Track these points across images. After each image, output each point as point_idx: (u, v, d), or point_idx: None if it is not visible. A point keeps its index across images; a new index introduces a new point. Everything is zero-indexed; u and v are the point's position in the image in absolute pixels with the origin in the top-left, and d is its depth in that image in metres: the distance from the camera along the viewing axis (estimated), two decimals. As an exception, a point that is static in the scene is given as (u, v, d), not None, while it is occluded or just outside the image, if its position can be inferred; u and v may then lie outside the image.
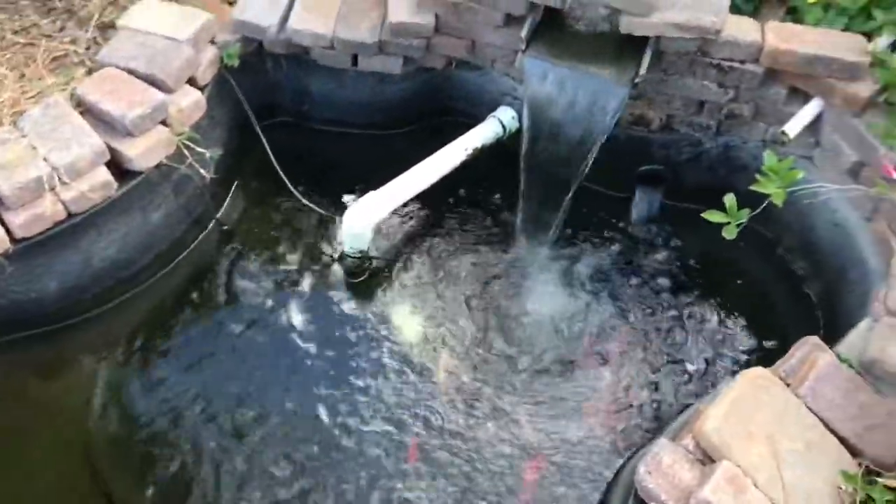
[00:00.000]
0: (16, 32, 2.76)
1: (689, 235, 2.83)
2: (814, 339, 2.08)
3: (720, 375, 2.53)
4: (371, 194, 2.57)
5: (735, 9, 2.71)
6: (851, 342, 2.10)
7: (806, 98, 2.53)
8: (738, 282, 2.80)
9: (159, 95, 2.42)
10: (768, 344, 2.62)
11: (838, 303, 2.57)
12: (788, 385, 2.00)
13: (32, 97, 2.55)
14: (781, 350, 2.11)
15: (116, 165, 2.41)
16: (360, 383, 2.50)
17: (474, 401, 2.49)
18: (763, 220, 2.66)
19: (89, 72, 2.59)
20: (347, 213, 2.55)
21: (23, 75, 2.63)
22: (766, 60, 2.43)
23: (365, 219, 2.54)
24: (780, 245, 2.80)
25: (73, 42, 2.73)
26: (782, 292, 2.77)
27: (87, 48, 2.70)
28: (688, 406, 2.34)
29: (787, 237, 2.77)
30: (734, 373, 2.44)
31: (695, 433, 1.91)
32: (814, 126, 2.54)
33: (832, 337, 2.19)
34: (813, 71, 2.40)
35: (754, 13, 2.76)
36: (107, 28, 2.74)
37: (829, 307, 2.62)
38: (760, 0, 2.78)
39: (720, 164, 2.74)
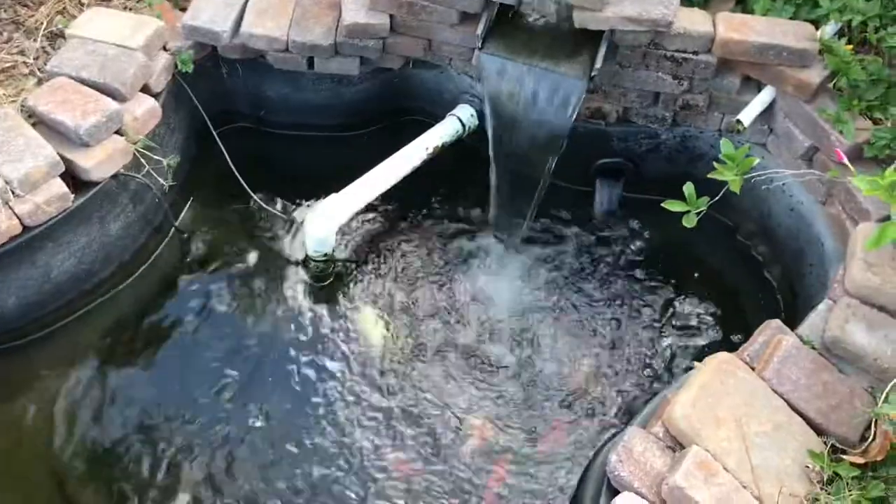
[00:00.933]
0: (-38, 45, 2.71)
1: (651, 226, 2.88)
2: (776, 323, 2.12)
3: (685, 363, 2.56)
4: (333, 197, 2.56)
5: (687, 1, 2.77)
6: (813, 323, 2.14)
7: (759, 87, 2.58)
8: (701, 270, 2.83)
9: (113, 104, 2.39)
10: (731, 329, 2.65)
11: (798, 286, 2.62)
12: (753, 369, 2.04)
13: (-19, 110, 2.51)
14: (745, 335, 2.15)
15: (72, 176, 2.37)
16: (322, 388, 2.50)
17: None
18: (722, 207, 2.71)
19: (39, 82, 2.55)
20: (309, 217, 2.54)
21: (-30, 88, 2.58)
22: (719, 51, 2.46)
23: (328, 222, 2.53)
24: (739, 231, 2.85)
25: (22, 52, 2.68)
26: (743, 278, 2.82)
27: (37, 58, 2.65)
28: (656, 394, 2.36)
29: (745, 223, 2.82)
30: (699, 360, 2.48)
31: (664, 420, 1.94)
32: (767, 114, 2.58)
33: (793, 320, 2.24)
34: (764, 59, 2.44)
35: (705, 4, 2.80)
36: (56, 38, 2.70)
37: (790, 291, 2.67)
38: (711, -8, 2.84)
39: (678, 154, 2.78)
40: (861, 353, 2.03)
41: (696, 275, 2.82)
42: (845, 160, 2.09)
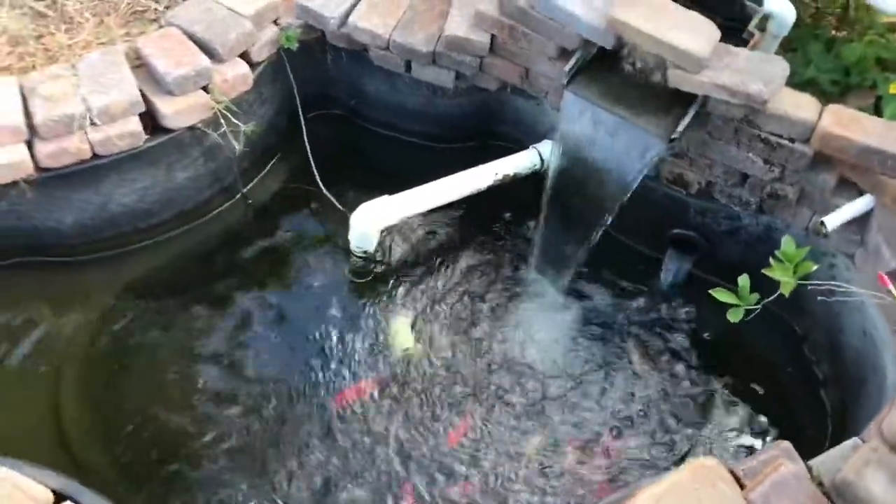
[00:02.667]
0: (107, -17, 2.94)
1: (713, 311, 2.66)
2: (785, 444, 1.90)
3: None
4: (384, 198, 2.55)
5: (819, 90, 2.57)
6: (831, 458, 1.90)
7: (859, 192, 2.35)
8: (754, 372, 2.60)
9: (206, 61, 2.49)
10: (766, 444, 2.42)
11: (850, 416, 2.36)
12: (743, 487, 1.85)
13: (103, 43, 2.69)
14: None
15: (153, 120, 2.50)
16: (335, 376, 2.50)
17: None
18: (792, 310, 2.52)
19: (160, 28, 2.72)
20: (356, 213, 2.55)
21: (101, 22, 2.78)
22: (817, 143, 2.26)
23: (372, 221, 2.53)
24: (806, 341, 2.60)
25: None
26: (798, 393, 2.57)
27: (167, 7, 2.82)
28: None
29: (814, 334, 2.57)
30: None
31: (622, 510, 1.79)
32: (861, 223, 2.34)
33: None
34: (866, 163, 2.22)
35: (840, 99, 2.59)
36: (190, -9, 2.87)
37: (842, 419, 2.41)
38: (850, 86, 2.63)
39: (758, 243, 2.57)
40: (871, 506, 1.79)
41: (754, 373, 2.60)
42: (891, 286, 1.85)
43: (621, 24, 2.29)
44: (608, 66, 2.43)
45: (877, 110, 2.51)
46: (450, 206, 2.67)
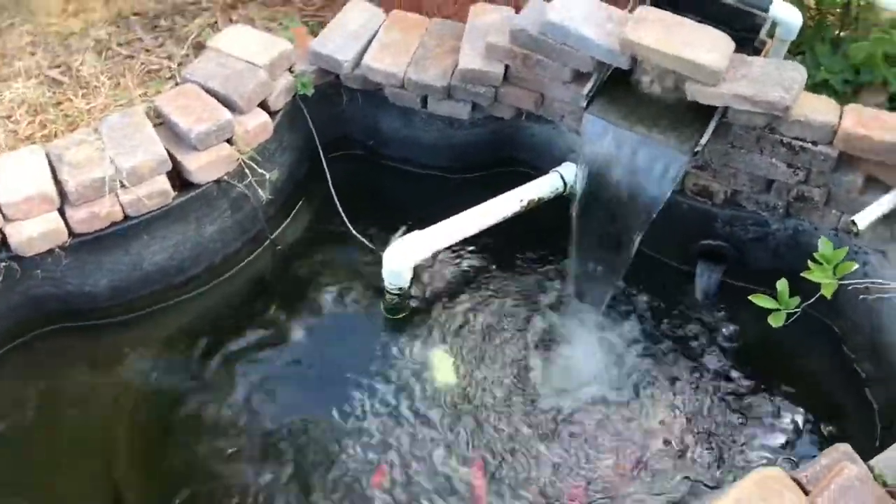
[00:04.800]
0: (120, 45, 2.97)
1: (750, 318, 2.66)
2: (844, 447, 1.90)
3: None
4: (414, 234, 2.57)
5: (831, 91, 2.59)
6: (891, 457, 1.90)
7: (886, 189, 2.36)
8: (797, 376, 2.60)
9: (227, 115, 2.52)
10: (815, 448, 2.42)
11: (899, 413, 2.36)
12: (807, 493, 1.84)
13: (122, 105, 2.72)
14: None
15: (178, 176, 2.52)
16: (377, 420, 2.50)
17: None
18: (830, 311, 2.52)
19: (176, 86, 2.75)
20: (388, 250, 2.56)
21: (118, 84, 2.81)
22: (840, 144, 2.28)
23: (404, 257, 2.54)
24: (845, 341, 2.60)
25: (169, 58, 2.90)
26: (842, 394, 2.56)
27: (180, 64, 2.86)
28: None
29: (854, 334, 2.57)
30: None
31: (690, 528, 1.79)
32: (892, 219, 2.36)
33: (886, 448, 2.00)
34: (891, 160, 2.24)
35: (853, 97, 2.62)
36: (201, 48, 2.89)
37: (890, 418, 2.40)
38: (861, 84, 2.65)
39: (788, 248, 2.59)
40: (938, 502, 1.78)
41: (796, 378, 2.59)
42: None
43: (635, 44, 2.31)
44: (625, 86, 2.46)
45: (891, 105, 2.54)
46: (479, 235, 2.67)
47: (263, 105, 2.68)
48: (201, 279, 2.74)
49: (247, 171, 2.61)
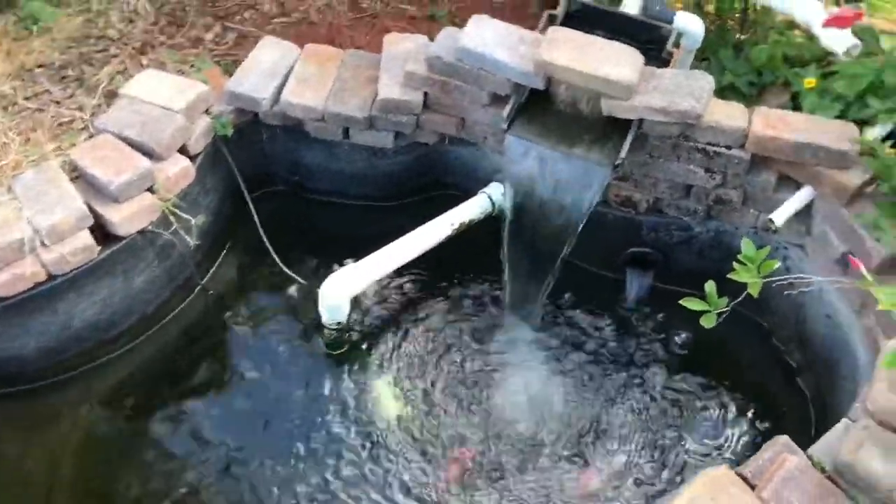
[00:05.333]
0: (27, 98, 2.88)
1: (681, 320, 2.74)
2: (784, 439, 1.98)
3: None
4: (349, 266, 2.56)
5: (738, 94, 2.70)
6: (827, 444, 1.98)
7: (798, 186, 2.47)
8: (731, 372, 2.69)
9: (146, 163, 2.48)
10: (756, 441, 2.50)
11: (830, 399, 2.45)
12: (753, 487, 1.91)
13: (34, 161, 2.64)
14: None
15: (102, 229, 2.46)
16: (327, 460, 2.48)
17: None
18: (757, 308, 2.61)
19: (90, 137, 2.68)
20: (324, 285, 2.55)
21: (28, 139, 2.73)
22: (753, 147, 2.38)
23: (341, 291, 2.53)
24: (774, 335, 2.70)
25: (80, 108, 2.82)
26: (777, 385, 2.66)
27: (92, 114, 2.79)
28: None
29: (781, 327, 2.68)
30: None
31: (646, 534, 1.83)
32: (805, 215, 2.47)
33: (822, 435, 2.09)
34: (801, 158, 2.34)
35: (758, 98, 2.73)
36: (113, 96, 2.83)
37: (822, 403, 2.50)
38: (764, 85, 2.77)
39: (711, 249, 2.68)
40: (874, 483, 1.85)
41: (730, 373, 2.68)
42: (862, 269, 1.95)
43: (549, 65, 2.37)
44: (544, 105, 2.51)
45: (794, 104, 2.66)
46: (415, 262, 2.68)
47: (183, 150, 2.64)
48: (134, 332, 2.68)
49: (171, 218, 2.56)
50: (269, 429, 2.54)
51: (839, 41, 2.52)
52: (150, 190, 2.52)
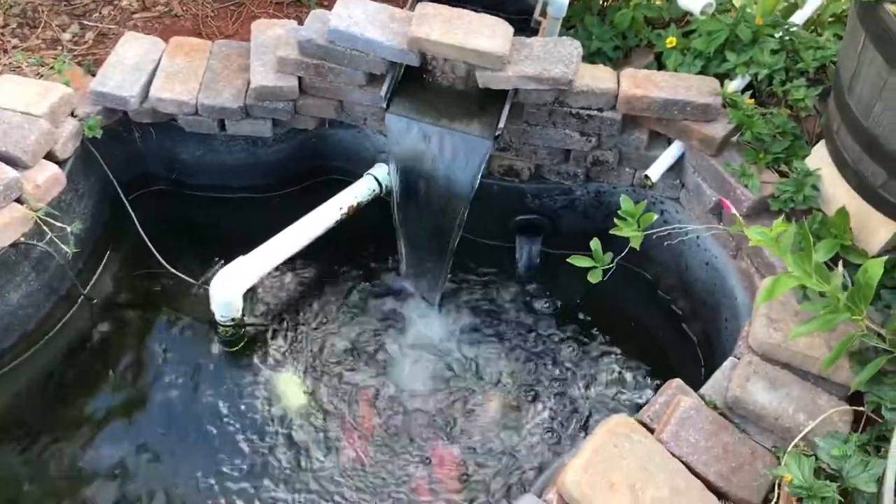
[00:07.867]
0: None
1: (571, 280, 2.79)
2: (677, 382, 2.08)
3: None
4: (238, 260, 2.52)
5: (605, 58, 2.78)
6: (716, 382, 2.10)
7: (668, 142, 2.58)
8: (623, 324, 2.81)
9: (12, 173, 2.35)
10: (652, 387, 2.62)
11: (716, 341, 2.59)
12: (653, 431, 2.00)
13: None
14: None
15: (-31, 247, 2.34)
16: (238, 458, 2.44)
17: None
18: (642, 261, 2.72)
19: (-54, 152, 2.53)
20: (214, 282, 2.49)
21: None
22: (623, 107, 2.46)
23: (232, 286, 2.49)
24: (659, 285, 2.83)
25: (-69, 121, 2.66)
26: (666, 332, 2.79)
27: (-53, 127, 2.64)
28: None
29: (665, 277, 2.80)
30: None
31: (557, 487, 1.89)
32: (678, 168, 2.58)
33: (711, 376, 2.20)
34: (668, 115, 2.45)
35: (624, 60, 2.83)
36: (-33, 106, 2.68)
37: (709, 346, 2.64)
38: (630, 48, 2.86)
39: (594, 209, 2.77)
40: (762, 413, 1.99)
41: (621, 325, 2.80)
42: (734, 211, 2.06)
43: (421, 41, 2.38)
44: (421, 82, 2.53)
45: (659, 64, 2.76)
46: (307, 249, 2.65)
47: (50, 156, 2.51)
48: (17, 350, 2.55)
49: (45, 227, 2.44)
50: (171, 435, 2.47)
51: (695, 1, 2.63)
52: (19, 201, 2.39)
